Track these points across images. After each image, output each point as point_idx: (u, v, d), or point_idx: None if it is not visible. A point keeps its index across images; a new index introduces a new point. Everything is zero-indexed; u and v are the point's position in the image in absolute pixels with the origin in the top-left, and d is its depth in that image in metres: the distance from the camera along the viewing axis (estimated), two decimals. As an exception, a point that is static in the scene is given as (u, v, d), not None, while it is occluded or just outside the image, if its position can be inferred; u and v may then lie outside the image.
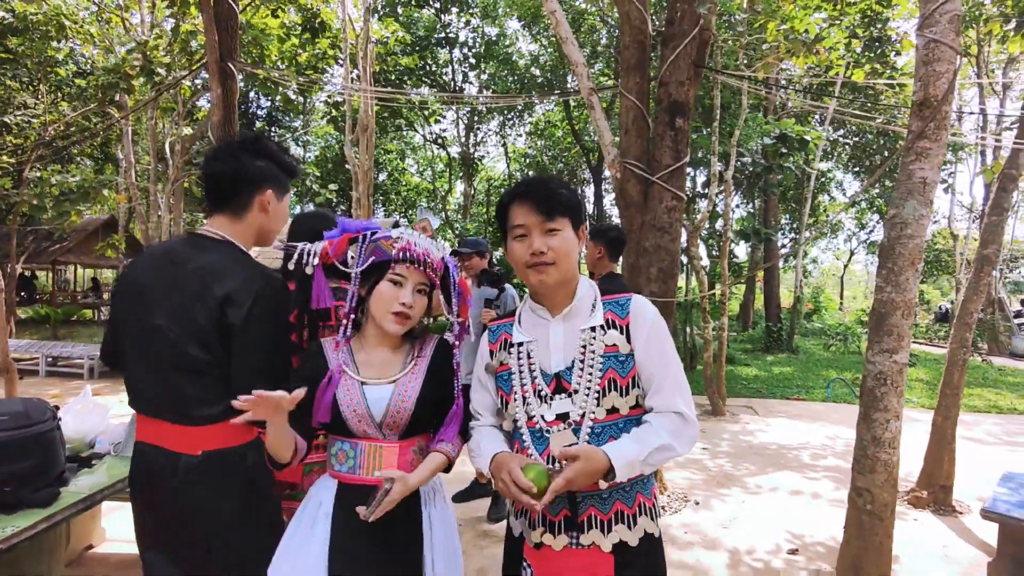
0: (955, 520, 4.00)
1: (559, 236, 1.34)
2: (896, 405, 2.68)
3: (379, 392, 1.46)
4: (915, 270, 2.64)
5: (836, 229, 27.88)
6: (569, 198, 1.37)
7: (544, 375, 1.37)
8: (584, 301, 1.41)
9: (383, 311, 1.45)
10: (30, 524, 1.85)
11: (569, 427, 1.33)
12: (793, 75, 12.17)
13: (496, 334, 1.49)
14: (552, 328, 1.40)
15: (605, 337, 1.36)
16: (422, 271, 1.48)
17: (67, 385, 8.36)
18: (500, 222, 1.44)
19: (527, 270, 1.36)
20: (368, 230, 1.51)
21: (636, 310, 1.39)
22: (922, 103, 2.60)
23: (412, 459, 1.49)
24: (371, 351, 1.52)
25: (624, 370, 1.35)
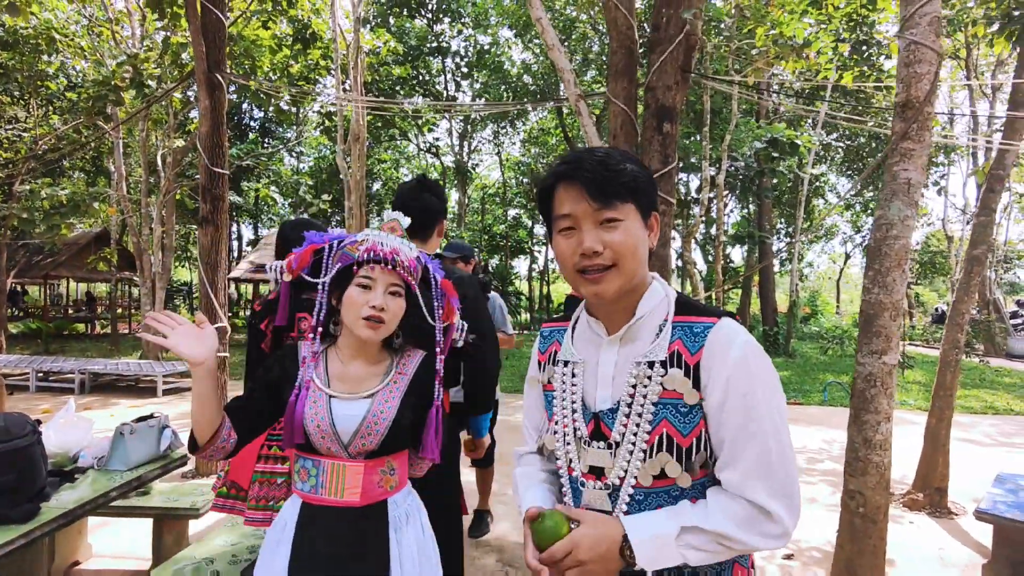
0: (951, 522, 3.98)
1: (620, 228, 0.98)
2: (886, 407, 2.66)
3: (350, 408, 1.37)
4: (902, 271, 2.64)
5: (832, 233, 28.01)
6: (635, 175, 1.00)
7: (585, 411, 1.06)
8: (649, 319, 1.04)
9: (354, 317, 1.35)
10: (7, 540, 1.81)
11: (604, 488, 1.02)
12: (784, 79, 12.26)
13: (547, 341, 1.19)
14: (604, 351, 1.06)
15: (665, 378, 0.99)
16: (393, 271, 1.37)
17: (58, 400, 8.28)
18: (543, 211, 1.08)
19: (577, 276, 1.01)
20: (336, 239, 1.43)
21: (715, 344, 0.98)
22: (904, 104, 2.60)
23: (380, 479, 1.39)
24: (347, 364, 1.43)
25: (686, 426, 0.98)
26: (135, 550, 3.35)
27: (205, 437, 1.28)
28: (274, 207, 23.12)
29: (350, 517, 1.35)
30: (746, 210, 19.48)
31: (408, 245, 1.44)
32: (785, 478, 0.95)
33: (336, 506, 1.35)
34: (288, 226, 2.42)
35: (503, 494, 4.30)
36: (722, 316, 1.01)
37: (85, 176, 17.84)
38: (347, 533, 1.35)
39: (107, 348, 14.59)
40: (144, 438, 2.54)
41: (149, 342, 11.84)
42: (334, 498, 1.35)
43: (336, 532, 1.34)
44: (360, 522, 1.36)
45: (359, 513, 1.36)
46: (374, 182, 22.76)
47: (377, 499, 1.38)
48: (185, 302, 25.95)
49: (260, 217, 24.64)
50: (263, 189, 17.53)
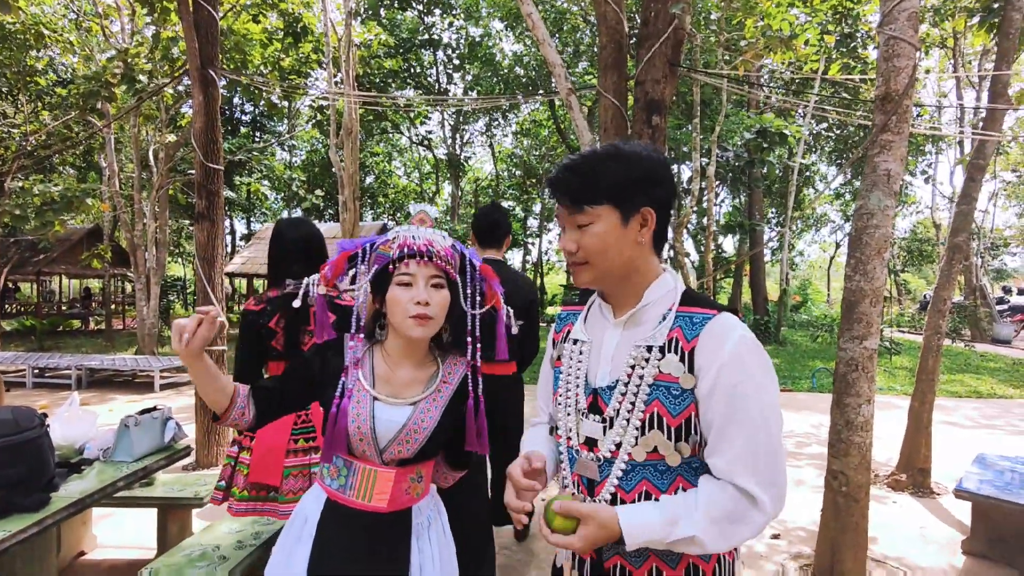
0: (933, 501, 4.11)
1: (589, 231, 1.07)
2: (867, 390, 2.77)
3: (393, 413, 1.34)
4: (881, 259, 2.73)
5: (822, 222, 28.23)
6: (612, 178, 1.06)
7: (586, 386, 1.14)
8: (655, 307, 1.11)
9: (401, 317, 1.30)
10: (21, 528, 1.88)
11: (596, 460, 1.10)
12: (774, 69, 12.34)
13: (563, 323, 1.28)
14: (608, 332, 1.15)
15: (661, 361, 1.05)
16: (431, 263, 1.32)
17: (55, 395, 8.30)
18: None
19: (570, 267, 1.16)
20: (369, 243, 1.40)
21: (711, 334, 1.03)
22: (884, 97, 2.69)
23: (408, 487, 1.38)
24: (393, 366, 1.39)
25: (676, 408, 1.04)
26: (139, 540, 3.43)
27: (219, 410, 1.31)
28: (266, 202, 23.04)
29: (374, 522, 1.35)
30: (737, 200, 19.60)
31: (441, 234, 1.40)
32: (772, 468, 0.99)
33: (362, 509, 1.34)
34: (285, 224, 2.39)
35: (499, 481, 4.40)
36: (724, 311, 1.08)
37: (76, 172, 17.71)
38: (370, 537, 1.34)
39: (102, 344, 14.58)
40: (148, 430, 2.61)
41: (145, 337, 11.87)
42: (361, 501, 1.34)
43: (359, 535, 1.34)
44: (383, 528, 1.35)
45: (383, 519, 1.35)
46: (367, 176, 22.73)
47: (403, 506, 1.38)
48: (179, 297, 25.85)
49: (253, 212, 24.56)
50: (255, 184, 17.47)
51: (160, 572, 2.16)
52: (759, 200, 15.39)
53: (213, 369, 1.27)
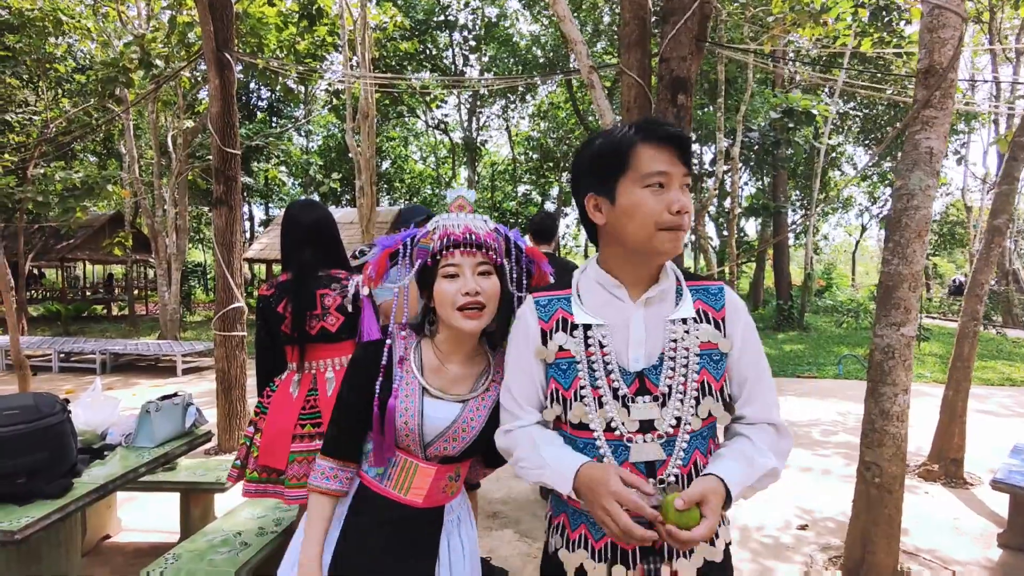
0: (966, 492, 3.99)
1: (687, 195, 1.10)
2: (904, 379, 2.65)
3: (441, 410, 1.29)
4: (922, 242, 2.60)
5: (848, 205, 27.57)
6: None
7: (623, 372, 1.10)
8: (670, 284, 1.16)
9: (449, 310, 1.25)
10: (43, 515, 1.88)
11: (657, 439, 1.08)
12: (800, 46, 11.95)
13: (548, 310, 1.18)
14: (633, 314, 1.12)
15: (699, 331, 1.11)
16: (475, 252, 1.26)
17: (80, 380, 8.48)
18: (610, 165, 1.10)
19: (659, 233, 1.06)
20: (409, 237, 1.35)
21: (731, 302, 1.17)
22: (927, 71, 2.53)
23: (445, 485, 1.34)
24: (443, 361, 1.33)
25: (718, 372, 1.12)
26: (163, 524, 3.46)
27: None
28: (284, 187, 23.15)
29: (406, 515, 1.31)
30: (761, 182, 19.20)
31: (482, 219, 1.33)
32: (777, 399, 1.19)
33: (396, 501, 1.31)
34: (296, 207, 2.34)
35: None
36: (719, 281, 1.23)
37: (96, 159, 17.94)
38: (401, 530, 1.31)
39: (126, 329, 14.85)
40: (169, 415, 2.61)
41: (167, 322, 12.05)
42: (398, 494, 1.31)
43: (390, 526, 1.31)
44: (416, 522, 1.32)
45: (416, 513, 1.32)
46: (383, 160, 22.69)
47: (437, 503, 1.35)
48: (200, 283, 26.24)
49: (271, 197, 24.71)
50: (272, 170, 17.54)
51: (182, 557, 2.16)
52: (784, 182, 15.05)
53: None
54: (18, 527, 1.80)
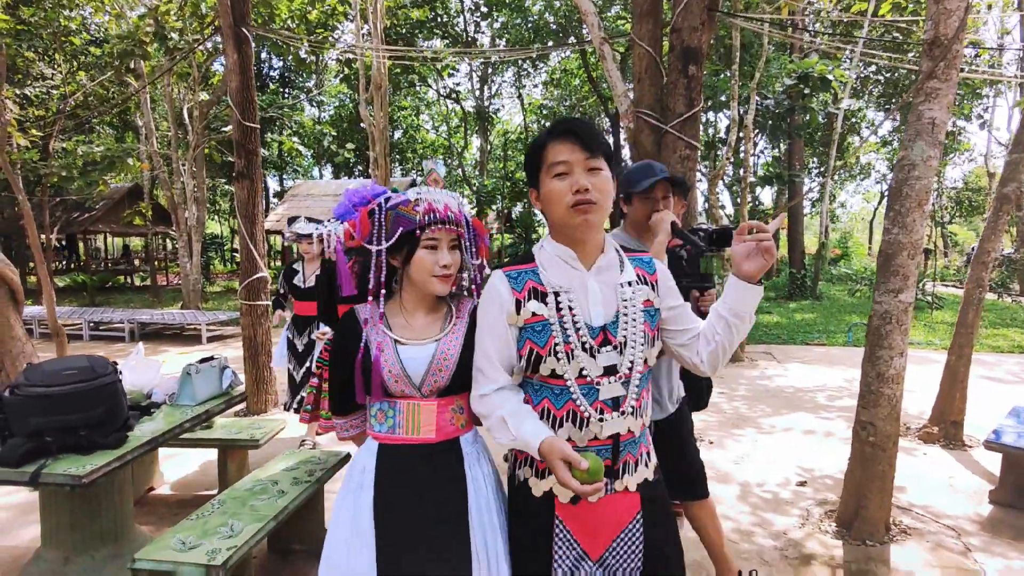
0: (963, 454, 4.13)
1: (601, 175, 1.29)
2: (900, 343, 2.77)
3: (419, 351, 1.46)
4: (922, 211, 2.69)
5: (866, 171, 27.04)
6: (606, 141, 1.34)
7: (589, 328, 1.32)
8: (613, 255, 1.40)
9: (425, 277, 1.45)
10: (105, 462, 2.10)
11: (618, 380, 1.32)
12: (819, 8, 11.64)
13: (519, 281, 1.36)
14: (589, 280, 1.35)
15: (640, 292, 1.37)
16: (451, 229, 1.47)
17: (111, 348, 8.83)
18: (533, 164, 1.36)
19: (569, 211, 1.28)
20: (378, 196, 1.50)
21: (660, 268, 1.45)
22: (932, 42, 2.58)
23: (452, 417, 1.49)
24: (409, 316, 1.52)
25: (653, 323, 1.39)
26: (201, 479, 3.73)
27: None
28: (299, 158, 23.23)
29: (427, 452, 1.45)
30: (776, 149, 18.90)
31: (457, 198, 1.53)
32: None
33: (413, 443, 1.45)
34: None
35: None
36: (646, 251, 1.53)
37: (114, 132, 18.12)
38: (426, 467, 1.44)
39: (149, 300, 15.26)
40: (208, 377, 2.81)
41: (189, 292, 12.39)
42: (411, 436, 1.46)
43: (416, 466, 1.44)
44: (437, 457, 1.46)
45: (435, 448, 1.46)
46: (395, 130, 22.62)
47: (450, 436, 1.49)
48: (218, 254, 26.64)
49: (285, 169, 24.84)
50: (287, 141, 17.61)
51: (226, 503, 2.38)
52: (800, 149, 14.82)
53: None
54: (84, 472, 2.02)
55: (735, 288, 1.32)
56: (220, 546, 2.01)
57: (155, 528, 2.99)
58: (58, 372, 2.20)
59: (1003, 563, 2.76)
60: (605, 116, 20.01)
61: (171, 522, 3.00)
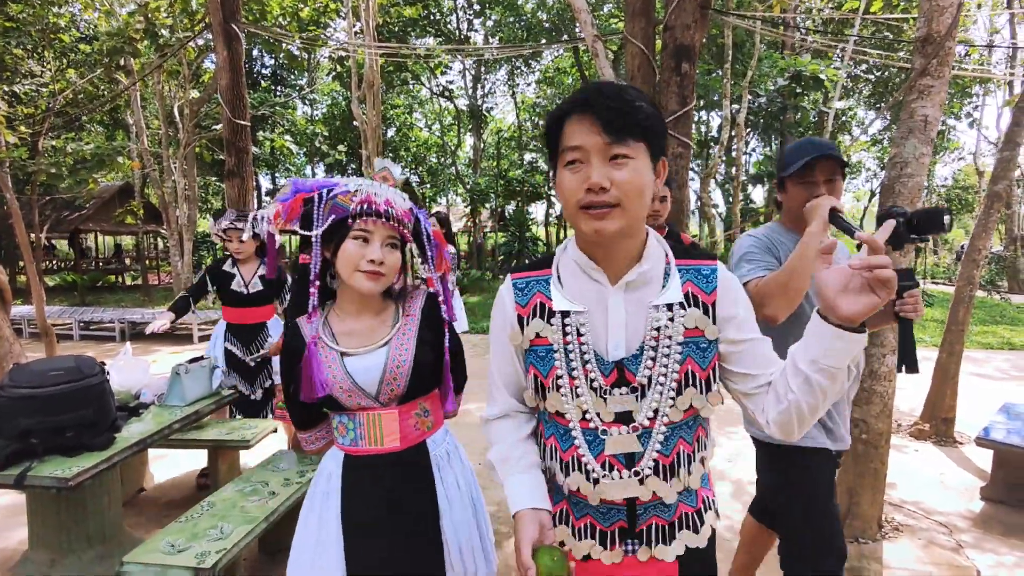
0: (954, 450, 4.15)
1: (629, 167, 0.95)
2: (892, 340, 2.78)
3: (369, 360, 1.37)
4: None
5: (856, 170, 27.20)
6: (650, 115, 0.97)
7: (601, 362, 1.04)
8: (654, 265, 1.06)
9: (350, 270, 1.33)
10: (92, 464, 2.07)
11: (634, 431, 1.03)
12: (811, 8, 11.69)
13: (526, 293, 1.11)
14: (612, 300, 1.04)
15: (685, 318, 1.02)
16: (389, 224, 1.34)
17: (101, 347, 8.75)
18: (550, 144, 1.05)
19: (578, 213, 0.98)
20: (325, 188, 1.38)
21: (726, 285, 1.06)
22: (925, 39, 2.58)
23: (416, 422, 1.43)
24: (353, 320, 1.42)
25: (705, 360, 1.03)
26: (192, 479, 3.69)
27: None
28: (290, 157, 23.10)
29: (393, 461, 1.40)
30: (768, 148, 18.99)
31: (401, 196, 1.41)
32: None
33: (378, 453, 1.39)
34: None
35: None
36: (715, 258, 1.10)
37: (104, 130, 17.96)
38: (393, 476, 1.39)
39: (140, 299, 15.13)
40: (198, 377, 2.78)
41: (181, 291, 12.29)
42: (375, 447, 1.39)
43: (382, 478, 1.39)
44: (403, 465, 1.41)
45: (401, 457, 1.40)
46: (388, 128, 22.54)
47: (416, 441, 1.43)
48: (210, 252, 26.46)
49: (277, 167, 24.69)
50: (279, 139, 17.50)
51: (217, 505, 2.35)
52: (791, 148, 14.88)
53: None
54: (71, 475, 1.99)
55: (821, 334, 0.89)
56: (210, 548, 1.99)
57: (144, 530, 2.96)
58: (45, 373, 2.17)
59: (994, 559, 2.78)
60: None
61: (160, 524, 2.98)
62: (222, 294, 3.60)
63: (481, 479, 1.64)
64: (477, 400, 5.26)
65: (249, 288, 3.55)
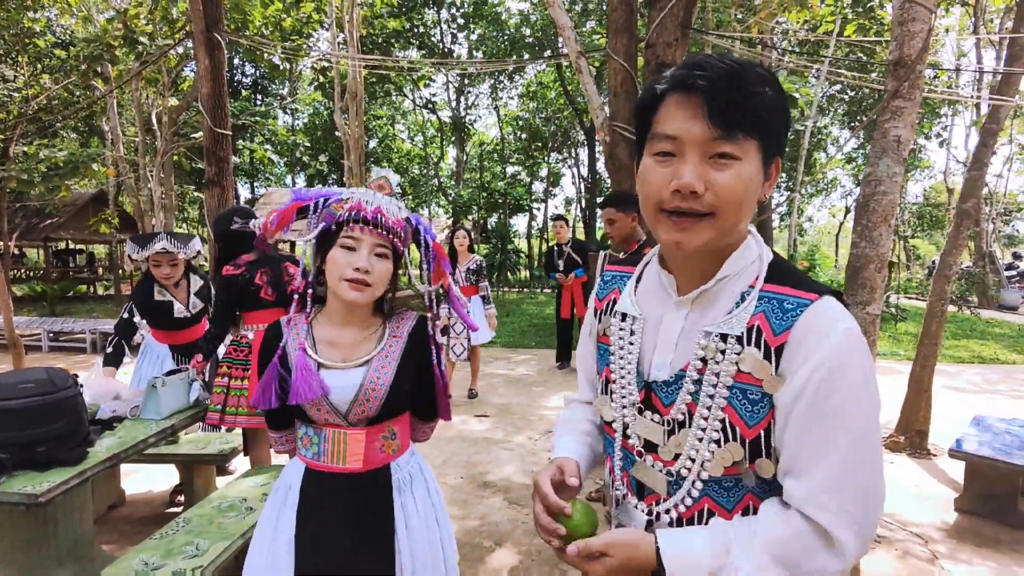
0: (929, 462, 4.24)
1: (734, 169, 0.78)
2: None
3: (345, 378, 1.34)
4: (888, 226, 2.77)
5: (832, 187, 27.90)
6: (773, 105, 0.78)
7: (637, 376, 0.92)
8: (733, 282, 0.86)
9: (336, 278, 1.30)
10: (63, 480, 2.00)
11: (663, 471, 0.89)
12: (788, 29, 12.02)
13: (607, 287, 1.04)
14: (670, 312, 0.90)
15: (740, 356, 0.81)
16: (378, 233, 1.32)
17: (72, 359, 8.51)
18: (639, 124, 0.86)
19: (658, 216, 0.82)
20: (322, 197, 1.35)
21: (808, 327, 0.78)
22: (897, 62, 2.67)
23: (381, 445, 1.40)
24: (337, 330, 1.39)
25: (753, 417, 0.81)
26: (165, 495, 3.60)
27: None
28: (271, 166, 22.91)
29: (353, 483, 1.37)
30: (746, 164, 19.33)
31: (397, 204, 1.38)
32: (863, 503, 0.77)
33: (339, 472, 1.37)
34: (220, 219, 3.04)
35: (507, 441, 4.55)
36: (825, 294, 0.81)
37: (78, 137, 17.63)
38: (351, 498, 1.37)
39: (113, 309, 14.78)
40: (175, 390, 2.72)
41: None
42: (337, 465, 1.36)
43: (340, 497, 1.37)
44: (363, 488, 1.38)
45: (362, 479, 1.38)
46: (370, 139, 22.50)
47: (379, 464, 1.40)
48: (186, 263, 25.90)
49: (256, 176, 24.46)
50: (259, 150, 17.35)
51: (192, 521, 2.30)
52: (768, 164, 15.21)
53: None
54: (41, 491, 1.92)
55: None
56: (185, 566, 1.94)
57: (117, 547, 2.87)
58: (14, 385, 2.10)
59: (967, 569, 2.83)
60: (580, 129, 20.24)
61: (134, 541, 2.88)
62: (159, 323, 3.35)
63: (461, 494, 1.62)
64: (462, 413, 5.23)
65: (190, 309, 3.37)
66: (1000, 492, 3.30)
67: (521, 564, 2.84)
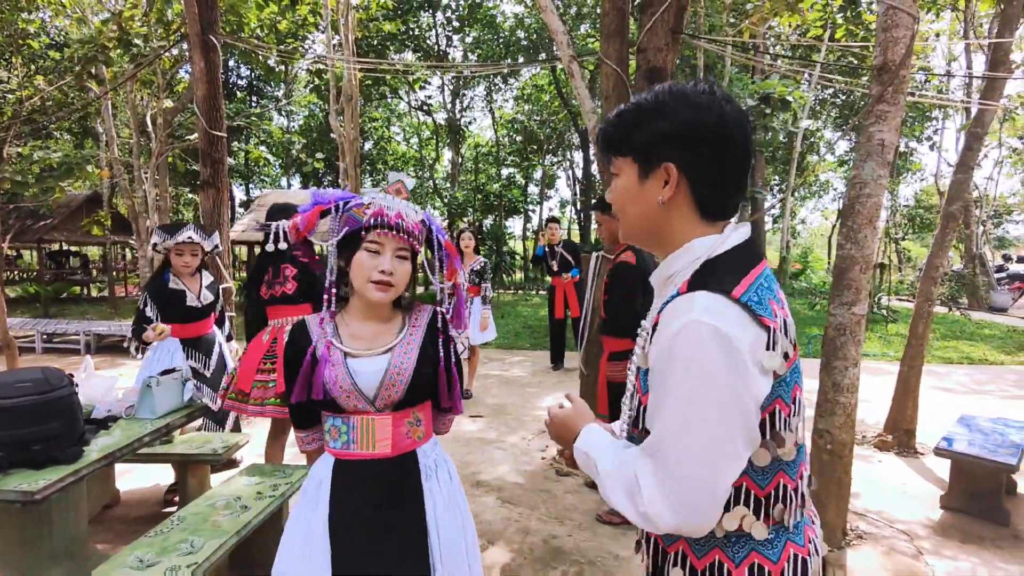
0: (916, 461, 4.29)
1: (615, 183, 1.02)
2: (854, 353, 2.89)
3: (371, 364, 1.42)
4: (873, 228, 2.82)
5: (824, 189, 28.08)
6: (627, 125, 0.97)
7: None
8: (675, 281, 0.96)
9: (362, 281, 1.40)
10: (59, 478, 2.03)
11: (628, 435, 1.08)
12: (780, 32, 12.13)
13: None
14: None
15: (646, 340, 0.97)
16: (400, 236, 1.41)
17: (65, 361, 8.49)
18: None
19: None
20: (343, 200, 1.44)
21: (667, 313, 0.90)
22: (881, 68, 2.73)
23: (408, 430, 1.46)
24: (360, 324, 1.48)
25: (644, 387, 0.97)
26: (159, 495, 3.61)
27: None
28: (267, 168, 22.89)
29: (383, 467, 1.42)
30: (740, 167, 19.45)
31: (413, 208, 1.47)
32: (675, 469, 0.83)
33: (369, 459, 1.42)
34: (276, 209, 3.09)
35: (501, 441, 4.59)
36: (703, 290, 0.87)
37: (72, 138, 17.58)
38: (382, 482, 1.42)
39: (107, 311, 14.72)
40: (169, 390, 2.74)
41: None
42: (366, 451, 1.42)
43: (371, 482, 1.42)
44: (393, 471, 1.43)
45: (391, 463, 1.43)
46: (366, 141, 22.51)
47: (407, 449, 1.46)
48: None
49: (251, 178, 24.42)
50: (254, 150, 17.33)
51: (187, 519, 2.32)
52: (761, 167, 15.33)
53: None
54: (37, 488, 1.95)
55: None
56: (180, 563, 1.96)
57: (112, 546, 2.88)
58: (10, 384, 2.12)
59: (951, 565, 2.88)
60: (575, 131, 20.32)
61: (129, 539, 2.90)
62: (172, 313, 3.41)
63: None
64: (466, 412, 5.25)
65: (201, 300, 3.50)
66: (985, 489, 3.36)
67: (513, 562, 2.87)
